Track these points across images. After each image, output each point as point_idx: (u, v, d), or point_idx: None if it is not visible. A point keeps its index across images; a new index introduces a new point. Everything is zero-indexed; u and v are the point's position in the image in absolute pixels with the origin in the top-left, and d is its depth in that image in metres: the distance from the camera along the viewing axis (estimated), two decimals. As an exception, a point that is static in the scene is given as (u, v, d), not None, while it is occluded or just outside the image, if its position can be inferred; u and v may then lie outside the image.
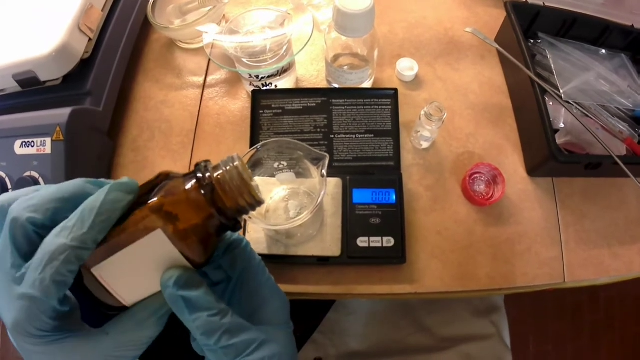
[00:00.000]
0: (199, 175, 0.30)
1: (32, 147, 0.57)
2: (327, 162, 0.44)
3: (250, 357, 0.32)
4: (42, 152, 0.56)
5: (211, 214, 0.30)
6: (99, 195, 0.28)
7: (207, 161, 0.31)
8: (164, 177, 0.31)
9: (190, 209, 0.29)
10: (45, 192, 0.29)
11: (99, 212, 0.27)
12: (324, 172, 0.44)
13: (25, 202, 0.28)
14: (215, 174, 0.30)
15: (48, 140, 0.56)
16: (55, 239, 0.27)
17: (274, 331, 0.36)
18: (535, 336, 1.53)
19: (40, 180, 0.56)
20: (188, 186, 0.30)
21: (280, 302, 0.38)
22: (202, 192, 0.30)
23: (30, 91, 0.61)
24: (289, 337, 0.38)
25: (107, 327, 0.30)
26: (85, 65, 0.62)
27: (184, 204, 0.29)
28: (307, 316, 0.75)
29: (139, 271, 0.30)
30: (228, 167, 0.30)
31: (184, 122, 0.67)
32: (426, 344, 0.72)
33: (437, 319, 0.74)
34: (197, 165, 0.31)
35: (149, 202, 0.29)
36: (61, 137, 0.56)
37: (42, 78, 0.59)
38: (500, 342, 0.74)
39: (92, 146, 0.61)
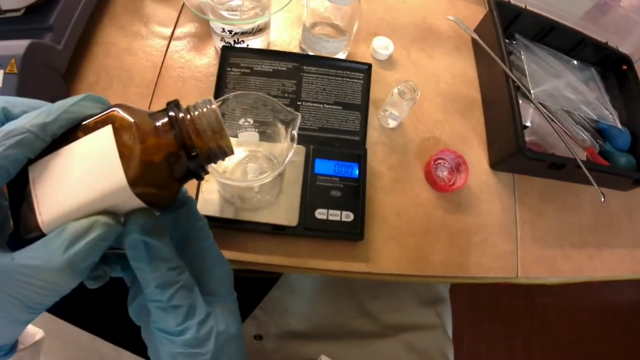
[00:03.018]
0: (171, 113, 0.27)
1: (-18, 78, 0.52)
2: (298, 122, 0.42)
3: (199, 325, 0.29)
4: (-10, 85, 0.52)
5: (178, 154, 0.27)
6: (72, 99, 0.27)
7: (177, 100, 0.29)
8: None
9: (155, 143, 0.26)
10: (32, 100, 0.28)
11: (67, 109, 0.26)
12: (295, 132, 0.42)
13: (6, 97, 0.28)
14: (190, 114, 0.28)
15: (0, 72, 0.51)
16: (14, 122, 0.26)
17: (219, 303, 0.33)
18: (469, 334, 1.56)
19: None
20: (158, 123, 0.27)
21: (224, 271, 0.35)
22: (173, 131, 0.27)
23: (-13, 20, 0.56)
24: (234, 308, 0.35)
25: (16, 252, 0.25)
26: (50, -1, 0.57)
27: (150, 136, 0.26)
28: (249, 291, 0.73)
29: (69, 179, 0.26)
30: (205, 109, 0.28)
31: (145, 73, 0.63)
32: (369, 329, 0.71)
33: (381, 304, 0.73)
34: (168, 103, 0.28)
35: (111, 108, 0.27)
36: (15, 70, 0.51)
37: (3, 7, 0.54)
38: (443, 334, 0.74)
39: (46, 86, 0.56)
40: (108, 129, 0.26)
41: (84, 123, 0.27)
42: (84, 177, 0.26)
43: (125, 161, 0.25)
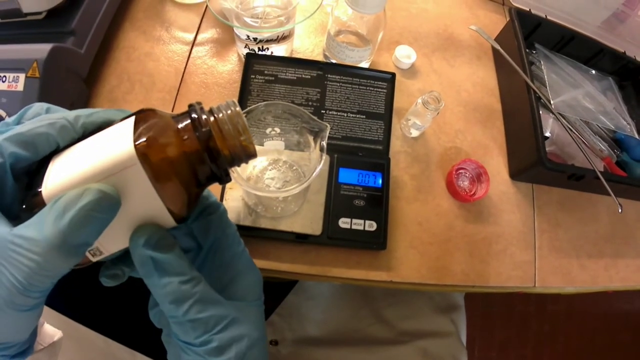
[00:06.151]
0: (194, 115, 0.27)
1: (3, 82, 0.51)
2: (327, 132, 0.42)
3: (220, 335, 0.29)
4: (12, 89, 0.51)
5: (201, 157, 0.27)
6: (107, 109, 0.29)
7: (199, 102, 0.28)
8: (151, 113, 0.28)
9: (178, 145, 0.26)
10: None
11: (100, 111, 0.29)
12: (324, 143, 0.42)
13: (51, 105, 0.30)
14: (214, 116, 0.27)
15: (22, 76, 0.51)
16: (54, 113, 0.28)
17: (245, 308, 0.33)
18: (481, 340, 1.57)
19: (7, 119, 0.51)
20: (181, 125, 0.27)
21: (254, 277, 0.36)
22: (197, 133, 0.27)
23: (9, 24, 0.56)
24: (260, 314, 0.35)
25: (16, 227, 0.24)
26: (72, 2, 0.57)
27: (172, 137, 0.26)
28: (265, 295, 0.73)
29: (81, 158, 0.25)
30: (229, 111, 0.28)
31: (168, 78, 0.63)
32: (384, 336, 0.71)
33: (397, 312, 0.74)
34: (190, 105, 0.28)
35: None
36: (37, 74, 0.51)
37: (25, 10, 0.54)
38: (457, 341, 0.74)
39: (68, 90, 0.56)
40: (130, 120, 0.26)
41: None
42: (94, 153, 0.25)
43: (138, 134, 0.25)
